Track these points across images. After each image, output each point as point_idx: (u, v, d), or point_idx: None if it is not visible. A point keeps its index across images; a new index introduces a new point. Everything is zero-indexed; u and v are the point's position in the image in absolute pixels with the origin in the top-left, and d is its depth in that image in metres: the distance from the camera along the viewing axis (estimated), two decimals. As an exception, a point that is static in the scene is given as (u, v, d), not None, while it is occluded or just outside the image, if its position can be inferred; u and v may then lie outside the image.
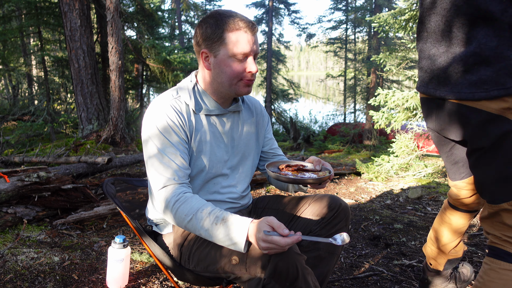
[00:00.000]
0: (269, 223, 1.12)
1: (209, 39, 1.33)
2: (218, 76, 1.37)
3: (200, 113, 1.41)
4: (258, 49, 1.37)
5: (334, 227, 1.46)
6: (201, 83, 1.44)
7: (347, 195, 4.01)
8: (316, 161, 1.44)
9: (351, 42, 16.70)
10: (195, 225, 1.23)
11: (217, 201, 1.48)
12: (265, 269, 1.14)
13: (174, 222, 1.29)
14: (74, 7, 6.72)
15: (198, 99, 1.42)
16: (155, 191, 1.31)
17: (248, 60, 1.35)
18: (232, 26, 1.31)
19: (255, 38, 1.36)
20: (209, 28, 1.33)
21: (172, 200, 1.27)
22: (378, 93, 4.69)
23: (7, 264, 2.12)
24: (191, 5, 20.40)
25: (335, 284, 2.11)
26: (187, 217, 1.24)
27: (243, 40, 1.32)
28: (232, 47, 1.31)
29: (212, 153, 1.43)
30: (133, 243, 2.59)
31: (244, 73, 1.35)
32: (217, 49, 1.33)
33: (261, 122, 1.63)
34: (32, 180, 2.86)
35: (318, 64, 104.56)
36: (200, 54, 1.38)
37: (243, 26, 1.31)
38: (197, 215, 1.23)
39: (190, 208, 1.24)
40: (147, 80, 9.46)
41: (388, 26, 4.61)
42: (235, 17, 1.32)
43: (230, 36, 1.31)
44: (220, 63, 1.34)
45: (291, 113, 16.60)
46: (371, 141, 11.24)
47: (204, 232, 1.22)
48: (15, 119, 10.37)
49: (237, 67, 1.34)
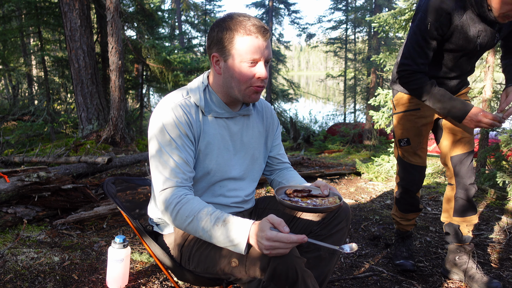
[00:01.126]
0: (270, 221, 1.12)
1: (220, 42, 1.32)
2: (228, 80, 1.35)
3: (209, 115, 1.40)
4: (270, 54, 1.34)
5: (335, 227, 1.46)
6: (212, 85, 1.43)
7: (347, 195, 4.01)
8: (323, 186, 1.40)
9: (351, 42, 16.69)
10: (195, 227, 1.22)
11: (221, 205, 1.47)
12: (264, 271, 1.14)
13: (175, 224, 1.27)
14: (74, 7, 6.72)
15: (208, 100, 1.41)
16: (157, 192, 1.30)
17: (257, 65, 1.33)
18: (243, 31, 1.29)
19: (267, 43, 1.33)
20: (220, 32, 1.32)
21: (174, 202, 1.26)
22: (378, 93, 4.69)
23: (7, 264, 2.12)
24: (191, 5, 20.40)
25: (335, 284, 2.11)
26: (188, 218, 1.23)
27: (254, 45, 1.29)
28: (242, 52, 1.30)
29: (220, 156, 1.42)
30: (133, 243, 2.59)
31: (253, 79, 1.33)
32: (227, 53, 1.32)
33: (270, 127, 1.62)
34: (32, 180, 2.86)
35: (318, 64, 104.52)
36: (211, 58, 1.37)
37: (254, 31, 1.29)
38: (198, 216, 1.22)
39: (191, 210, 1.23)
40: (147, 80, 9.45)
41: (388, 26, 4.61)
42: (247, 21, 1.30)
43: (241, 41, 1.29)
44: (230, 67, 1.33)
45: (291, 113, 16.60)
46: (371, 141, 11.23)
47: (204, 234, 1.21)
48: (15, 119, 10.36)
49: (246, 72, 1.32)
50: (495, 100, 4.26)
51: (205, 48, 18.93)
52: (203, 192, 1.44)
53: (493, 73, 4.11)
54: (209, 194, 1.45)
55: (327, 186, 1.40)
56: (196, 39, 19.73)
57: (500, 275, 2.23)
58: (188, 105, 1.36)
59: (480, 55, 1.98)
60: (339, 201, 1.33)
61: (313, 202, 1.32)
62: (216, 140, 1.41)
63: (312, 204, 1.30)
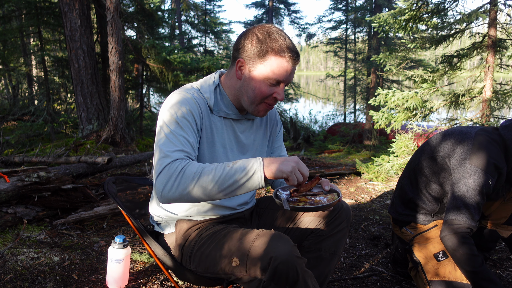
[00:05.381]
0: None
1: (252, 52, 1.32)
2: (245, 89, 1.36)
3: (218, 114, 1.41)
4: (292, 79, 1.37)
5: (336, 227, 1.46)
6: (224, 85, 1.43)
7: (347, 195, 4.01)
8: (324, 182, 1.39)
9: (351, 42, 16.67)
10: (204, 178, 1.15)
11: (226, 207, 1.48)
12: (265, 271, 1.14)
13: (179, 186, 1.16)
14: (74, 7, 6.72)
15: (218, 100, 1.42)
16: (159, 160, 1.22)
17: (279, 86, 1.34)
18: (278, 50, 1.30)
19: (294, 68, 1.35)
20: (256, 42, 1.32)
21: (181, 163, 1.19)
22: (378, 93, 4.69)
23: (7, 264, 2.12)
24: (191, 5, 20.38)
25: (335, 284, 2.11)
26: (196, 174, 1.16)
27: (283, 68, 1.31)
28: (270, 70, 1.31)
29: (225, 156, 1.42)
30: (133, 243, 2.59)
31: (269, 97, 1.35)
32: (255, 65, 1.32)
33: (274, 129, 1.63)
34: (32, 180, 2.86)
35: (318, 64, 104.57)
36: (236, 61, 1.37)
37: (288, 55, 1.30)
38: (206, 169, 1.17)
39: (198, 166, 1.18)
40: (147, 80, 9.45)
41: (388, 26, 4.61)
42: (284, 42, 1.31)
43: (273, 60, 1.30)
44: (252, 79, 1.34)
45: (291, 113, 16.58)
46: (371, 141, 11.23)
47: (217, 177, 1.15)
48: (15, 119, 10.36)
49: (266, 89, 1.33)
50: (495, 100, 4.25)
51: (205, 48, 18.96)
52: None
53: (493, 73, 4.11)
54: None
55: (328, 182, 1.39)
56: (196, 39, 19.71)
57: (500, 275, 2.23)
58: (199, 99, 1.37)
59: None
60: (337, 197, 1.32)
61: (310, 201, 1.32)
62: (222, 140, 1.41)
63: (309, 204, 1.29)
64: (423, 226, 1.97)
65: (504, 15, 4.22)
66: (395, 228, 2.11)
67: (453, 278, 1.79)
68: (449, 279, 1.80)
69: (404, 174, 2.08)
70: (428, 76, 4.48)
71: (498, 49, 4.13)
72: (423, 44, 4.53)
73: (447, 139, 1.86)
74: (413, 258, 1.95)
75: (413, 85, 5.33)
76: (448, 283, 1.79)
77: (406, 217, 2.02)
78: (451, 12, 4.46)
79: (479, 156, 1.70)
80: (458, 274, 1.79)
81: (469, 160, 1.70)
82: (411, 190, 1.99)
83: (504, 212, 2.01)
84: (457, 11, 4.41)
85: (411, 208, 2.00)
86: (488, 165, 1.68)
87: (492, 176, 1.69)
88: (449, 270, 1.82)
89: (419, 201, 1.96)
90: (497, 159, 1.70)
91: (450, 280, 1.79)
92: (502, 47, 4.11)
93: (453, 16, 4.46)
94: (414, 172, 1.99)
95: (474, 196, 1.68)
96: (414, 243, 1.98)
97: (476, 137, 1.76)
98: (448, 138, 1.86)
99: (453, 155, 1.78)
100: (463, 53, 4.35)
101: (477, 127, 1.85)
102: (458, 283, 1.78)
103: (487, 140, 1.73)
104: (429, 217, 1.97)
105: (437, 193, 1.90)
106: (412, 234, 2.00)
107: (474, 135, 1.77)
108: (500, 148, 1.74)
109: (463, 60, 4.39)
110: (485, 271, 1.65)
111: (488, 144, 1.72)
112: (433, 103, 4.55)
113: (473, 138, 1.76)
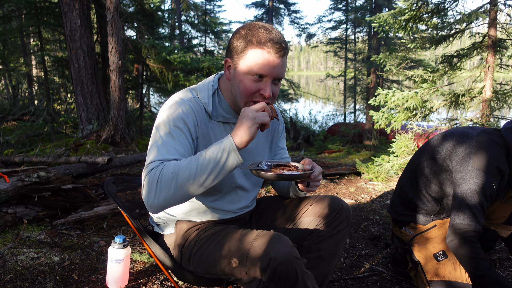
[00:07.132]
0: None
1: (234, 49, 1.31)
2: (233, 88, 1.34)
3: (217, 119, 1.39)
4: (280, 73, 1.29)
5: (336, 227, 1.46)
6: (222, 89, 1.42)
7: (347, 195, 4.01)
8: (307, 162, 1.38)
9: (351, 42, 16.67)
10: (182, 176, 1.14)
11: (227, 211, 1.48)
12: (264, 272, 1.14)
13: (162, 191, 1.15)
14: (74, 7, 6.72)
15: (217, 104, 1.40)
16: (143, 172, 1.22)
17: (263, 81, 1.28)
18: (256, 42, 1.26)
19: (281, 61, 1.27)
20: (237, 39, 1.30)
21: (158, 168, 1.17)
22: (378, 93, 4.69)
23: (7, 264, 2.12)
24: (191, 5, 20.38)
25: (335, 284, 2.11)
26: (174, 174, 1.15)
27: (264, 59, 1.25)
28: (249, 63, 1.26)
29: None
30: (133, 243, 2.59)
31: (256, 94, 1.29)
32: (238, 61, 1.30)
33: (276, 132, 1.61)
34: (32, 180, 2.86)
35: (318, 64, 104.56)
36: (225, 62, 1.36)
37: (268, 45, 1.25)
38: (181, 165, 1.16)
39: (174, 165, 1.17)
40: (147, 80, 9.44)
41: (388, 26, 4.61)
42: (264, 33, 1.26)
43: (252, 52, 1.26)
44: (237, 76, 1.31)
45: (291, 113, 16.57)
46: (371, 141, 11.23)
47: (194, 172, 1.14)
48: (15, 119, 10.36)
49: (251, 85, 1.28)
50: (495, 100, 4.25)
51: (205, 48, 18.96)
52: (205, 194, 1.43)
53: (493, 73, 4.11)
54: (224, 201, 1.45)
55: (311, 162, 1.38)
56: (196, 39, 19.70)
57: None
58: (196, 106, 1.35)
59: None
60: (309, 170, 1.32)
61: (283, 171, 1.31)
62: None
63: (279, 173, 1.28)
64: (422, 226, 1.97)
65: (504, 15, 4.23)
66: (394, 228, 2.11)
67: (453, 278, 1.79)
68: (449, 279, 1.80)
69: (404, 174, 2.08)
70: (428, 76, 4.48)
71: (498, 49, 4.13)
72: (423, 44, 4.53)
73: (448, 140, 1.85)
74: (413, 258, 1.95)
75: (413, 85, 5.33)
76: (448, 283, 1.79)
77: (406, 217, 2.02)
78: (451, 12, 4.47)
79: (482, 159, 1.69)
80: (458, 274, 1.79)
81: (472, 162, 1.70)
82: (411, 191, 1.99)
83: (503, 212, 2.01)
84: (457, 11, 4.41)
85: (411, 208, 2.00)
86: (491, 168, 1.68)
87: (495, 179, 1.68)
88: (449, 270, 1.82)
89: (419, 202, 1.96)
90: (500, 161, 1.70)
91: (450, 280, 1.79)
92: (502, 47, 4.11)
93: (453, 16, 4.46)
94: (414, 173, 1.99)
95: (478, 199, 1.67)
96: (414, 243, 1.98)
97: (478, 138, 1.75)
98: (448, 139, 1.85)
99: (454, 156, 1.78)
100: (463, 53, 4.35)
101: (477, 128, 1.84)
102: (458, 283, 1.78)
103: (489, 142, 1.73)
104: (428, 217, 1.97)
105: (437, 193, 1.90)
106: (412, 234, 2.00)
107: (475, 137, 1.76)
108: (502, 151, 1.74)
109: (463, 60, 4.39)
110: (494, 274, 1.64)
111: (490, 146, 1.72)
112: (433, 103, 4.55)
113: (474, 139, 1.75)
